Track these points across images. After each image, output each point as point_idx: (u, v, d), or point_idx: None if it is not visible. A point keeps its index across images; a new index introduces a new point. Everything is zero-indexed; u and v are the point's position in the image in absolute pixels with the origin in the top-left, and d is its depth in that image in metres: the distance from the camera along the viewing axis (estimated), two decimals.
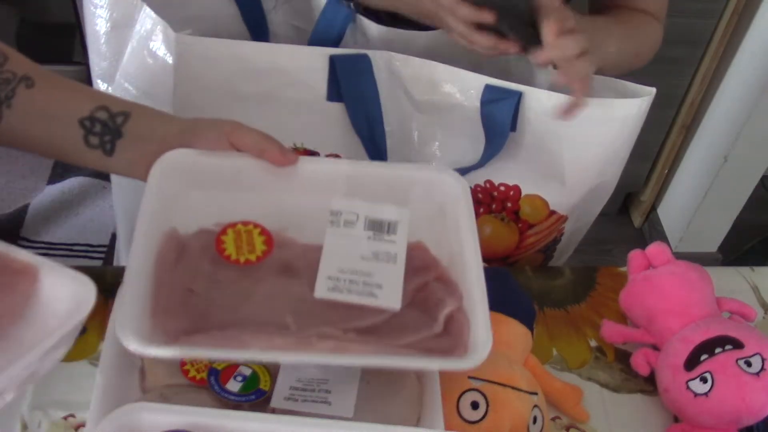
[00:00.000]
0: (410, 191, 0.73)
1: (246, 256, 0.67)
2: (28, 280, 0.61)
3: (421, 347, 0.62)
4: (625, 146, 0.83)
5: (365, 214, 0.70)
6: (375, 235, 0.69)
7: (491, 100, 0.79)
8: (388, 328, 0.64)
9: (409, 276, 0.68)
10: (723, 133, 1.80)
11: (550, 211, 0.88)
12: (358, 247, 0.68)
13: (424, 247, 0.71)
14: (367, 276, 0.66)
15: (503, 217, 0.89)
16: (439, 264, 0.70)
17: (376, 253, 0.68)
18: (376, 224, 0.70)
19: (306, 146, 0.84)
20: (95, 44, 0.81)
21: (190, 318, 0.62)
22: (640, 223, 2.14)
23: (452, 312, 0.65)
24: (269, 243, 0.68)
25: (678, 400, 0.75)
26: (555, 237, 0.93)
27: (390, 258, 0.68)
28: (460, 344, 0.62)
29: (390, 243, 0.69)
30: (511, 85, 0.78)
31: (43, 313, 0.60)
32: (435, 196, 0.73)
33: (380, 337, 0.63)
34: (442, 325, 0.64)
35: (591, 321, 0.88)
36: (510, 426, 0.68)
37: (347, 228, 0.69)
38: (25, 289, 0.61)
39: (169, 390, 0.66)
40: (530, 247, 0.92)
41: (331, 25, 0.81)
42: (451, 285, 0.68)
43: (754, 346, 0.74)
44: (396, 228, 0.70)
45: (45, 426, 0.74)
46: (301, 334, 0.62)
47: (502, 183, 0.86)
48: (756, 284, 0.93)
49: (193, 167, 0.68)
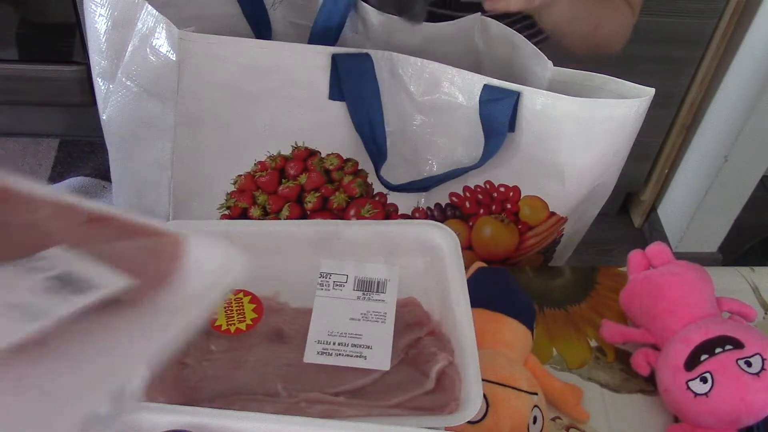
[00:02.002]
0: (400, 246, 0.75)
1: (236, 325, 0.68)
2: (175, 247, 0.59)
3: (413, 406, 0.63)
4: (624, 147, 0.83)
5: (354, 275, 0.72)
6: (364, 295, 0.71)
7: (490, 100, 0.79)
8: (380, 388, 0.65)
9: (402, 332, 0.69)
10: (723, 133, 1.80)
11: (549, 212, 0.88)
12: (348, 308, 0.70)
13: (417, 302, 0.72)
14: (357, 338, 0.67)
15: (503, 218, 0.89)
16: (431, 319, 0.71)
17: (365, 313, 0.69)
18: (366, 284, 0.72)
19: (307, 145, 0.84)
20: (96, 43, 0.81)
21: (182, 392, 0.63)
22: (640, 223, 2.14)
23: (444, 368, 0.66)
24: (259, 310, 0.69)
25: (678, 400, 0.75)
26: (555, 238, 0.93)
27: (379, 317, 0.69)
28: (452, 400, 0.63)
29: (379, 302, 0.70)
30: (510, 85, 0.78)
31: (190, 280, 0.58)
32: (425, 250, 0.74)
33: (371, 399, 0.64)
34: (434, 381, 0.65)
35: (591, 321, 0.88)
36: (510, 426, 0.68)
37: (336, 290, 0.71)
38: (173, 256, 0.59)
39: None
40: (530, 249, 0.92)
41: (332, 15, 0.81)
42: (443, 339, 0.69)
43: (754, 346, 0.74)
44: (385, 286, 0.72)
45: None
46: (291, 401, 0.63)
47: (501, 184, 0.86)
48: (756, 284, 0.93)
49: None
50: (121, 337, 0.49)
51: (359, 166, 0.86)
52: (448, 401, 0.62)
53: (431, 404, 0.63)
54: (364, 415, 0.61)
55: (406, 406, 0.63)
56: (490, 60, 0.85)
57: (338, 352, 0.66)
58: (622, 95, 0.79)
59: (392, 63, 0.80)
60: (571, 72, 0.80)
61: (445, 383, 0.65)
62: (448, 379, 0.65)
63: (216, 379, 0.64)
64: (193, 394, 0.63)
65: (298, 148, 0.84)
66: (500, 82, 0.79)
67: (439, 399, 0.64)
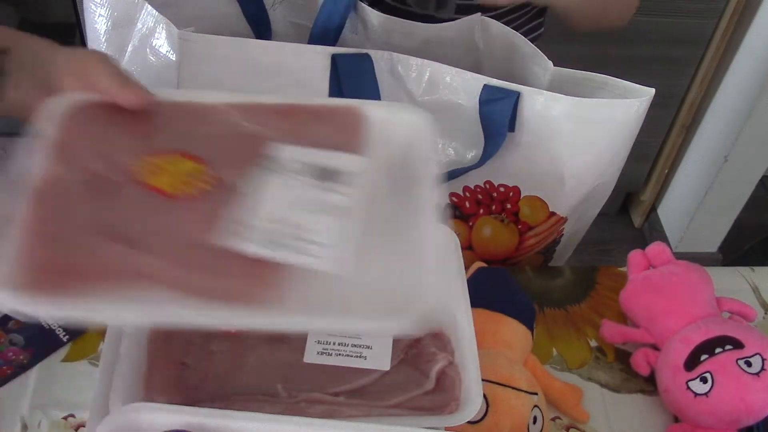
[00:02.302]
0: None
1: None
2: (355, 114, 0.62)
3: (413, 406, 0.63)
4: (624, 147, 0.83)
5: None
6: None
7: (490, 100, 0.79)
8: (380, 388, 0.65)
9: None
10: (723, 133, 1.80)
11: (549, 212, 0.88)
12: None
13: None
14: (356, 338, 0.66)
15: (503, 218, 0.89)
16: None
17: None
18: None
19: None
20: (95, 43, 0.81)
21: (183, 393, 0.63)
22: (640, 223, 2.14)
23: (444, 368, 0.66)
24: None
25: (678, 400, 0.75)
26: (555, 238, 0.93)
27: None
28: (452, 400, 0.63)
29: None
30: (510, 85, 0.78)
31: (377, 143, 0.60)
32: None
33: (371, 399, 0.64)
34: (434, 381, 0.65)
35: (591, 321, 0.88)
36: (510, 426, 0.68)
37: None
38: (355, 122, 0.61)
39: None
40: (530, 249, 0.92)
41: (332, 15, 0.81)
42: (443, 339, 0.69)
43: (754, 346, 0.74)
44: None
45: (45, 426, 0.74)
46: (291, 401, 0.63)
47: (501, 184, 0.86)
48: (756, 284, 0.93)
49: None
50: None
51: None
52: (448, 401, 0.63)
53: (431, 404, 0.63)
54: (364, 415, 0.61)
55: (406, 406, 0.63)
56: (490, 60, 0.85)
57: (338, 352, 0.66)
58: (622, 95, 0.79)
59: (392, 63, 0.80)
60: (571, 72, 0.80)
61: (445, 383, 0.65)
62: (448, 379, 0.65)
63: (216, 379, 0.64)
64: (193, 394, 0.63)
65: None
66: (500, 82, 0.79)
67: (439, 399, 0.64)
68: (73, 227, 0.53)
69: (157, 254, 0.51)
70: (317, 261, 0.51)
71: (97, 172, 0.56)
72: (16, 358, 0.79)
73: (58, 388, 0.77)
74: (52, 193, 0.54)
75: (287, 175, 0.56)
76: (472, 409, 0.60)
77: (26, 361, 0.78)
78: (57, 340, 0.80)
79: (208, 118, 0.60)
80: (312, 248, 0.52)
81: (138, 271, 0.51)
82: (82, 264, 0.51)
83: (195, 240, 0.53)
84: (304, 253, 0.52)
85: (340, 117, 0.62)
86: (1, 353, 0.79)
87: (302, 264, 0.51)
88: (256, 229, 0.53)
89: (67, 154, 0.56)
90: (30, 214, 0.52)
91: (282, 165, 0.57)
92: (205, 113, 0.60)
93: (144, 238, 0.52)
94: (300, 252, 0.52)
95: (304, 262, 0.51)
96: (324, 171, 0.57)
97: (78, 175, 0.55)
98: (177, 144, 0.58)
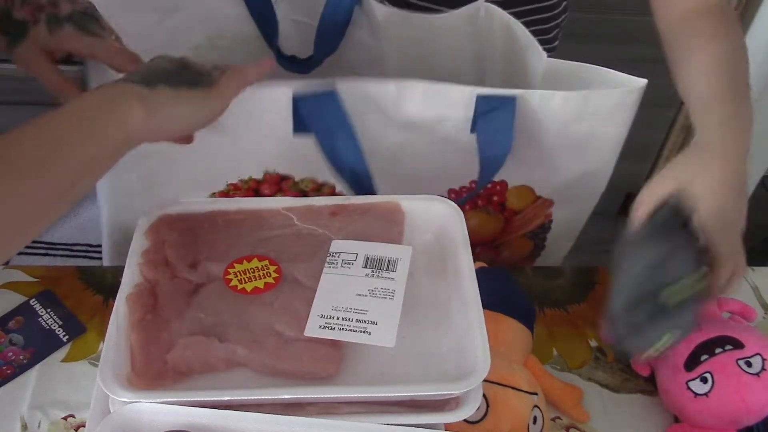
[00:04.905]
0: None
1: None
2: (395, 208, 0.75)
3: (412, 403, 0.62)
4: (615, 137, 0.82)
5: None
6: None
7: (485, 112, 0.77)
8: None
9: None
10: None
11: (536, 196, 0.87)
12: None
13: None
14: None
15: (489, 210, 0.88)
16: None
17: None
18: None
19: (278, 172, 0.83)
20: None
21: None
22: None
23: None
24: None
25: (678, 400, 0.75)
26: (542, 222, 0.92)
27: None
28: (451, 398, 0.62)
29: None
30: (504, 91, 0.76)
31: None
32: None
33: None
34: None
35: (591, 321, 0.88)
36: (510, 426, 0.68)
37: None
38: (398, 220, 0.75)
39: None
40: (516, 230, 0.92)
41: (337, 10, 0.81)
42: None
43: (754, 346, 0.74)
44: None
45: (45, 426, 0.74)
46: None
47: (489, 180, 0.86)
48: (756, 284, 0.93)
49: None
50: None
51: (336, 190, 0.85)
52: (448, 399, 0.62)
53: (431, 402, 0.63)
54: (364, 411, 0.61)
55: (405, 403, 0.63)
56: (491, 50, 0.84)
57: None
58: (615, 86, 0.78)
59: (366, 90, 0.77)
60: (565, 63, 0.78)
61: None
62: None
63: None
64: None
65: (270, 173, 0.83)
66: (493, 90, 0.76)
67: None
68: (172, 328, 0.65)
69: (244, 344, 0.63)
70: (372, 338, 0.64)
71: (184, 277, 0.69)
72: (16, 358, 0.79)
73: (58, 388, 0.77)
74: (148, 296, 0.66)
75: (343, 267, 0.69)
76: (472, 406, 0.60)
77: (26, 361, 0.79)
78: (57, 340, 0.81)
79: (273, 223, 0.74)
80: (367, 327, 0.64)
81: (229, 360, 0.63)
82: (185, 360, 0.63)
83: (273, 330, 0.65)
84: (362, 332, 0.64)
85: (382, 212, 0.75)
86: (1, 353, 0.79)
87: (361, 341, 0.63)
88: (322, 317, 0.65)
89: (157, 263, 0.69)
90: (134, 318, 0.64)
91: (338, 259, 0.70)
92: (270, 218, 0.74)
93: (231, 332, 0.65)
94: (357, 331, 0.64)
95: (362, 339, 0.64)
96: (373, 261, 0.70)
97: (168, 280, 0.68)
98: (250, 248, 0.72)
